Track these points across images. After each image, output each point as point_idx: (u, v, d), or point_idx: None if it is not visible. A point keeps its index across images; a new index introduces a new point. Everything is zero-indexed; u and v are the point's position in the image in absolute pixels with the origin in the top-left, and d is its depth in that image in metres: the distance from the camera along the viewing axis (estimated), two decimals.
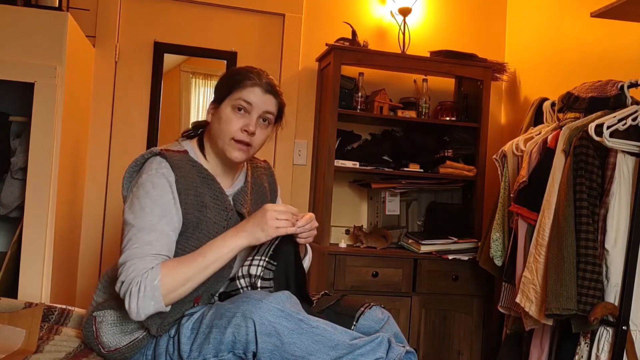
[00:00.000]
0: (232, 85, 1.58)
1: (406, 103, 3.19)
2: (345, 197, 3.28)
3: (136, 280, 1.36)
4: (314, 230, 1.60)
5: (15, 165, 2.41)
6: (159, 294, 1.37)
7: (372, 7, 3.34)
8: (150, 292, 1.36)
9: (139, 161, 1.58)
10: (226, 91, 1.59)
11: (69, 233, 2.68)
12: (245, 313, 1.37)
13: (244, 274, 1.58)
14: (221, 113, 1.58)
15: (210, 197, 1.57)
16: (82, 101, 2.78)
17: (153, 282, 1.36)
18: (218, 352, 1.40)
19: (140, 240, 1.42)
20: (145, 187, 1.48)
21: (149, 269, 1.38)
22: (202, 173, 1.59)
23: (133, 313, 1.37)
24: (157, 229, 1.44)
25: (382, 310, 1.67)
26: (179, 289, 1.41)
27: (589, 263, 2.02)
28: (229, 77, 1.63)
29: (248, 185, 1.73)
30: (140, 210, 1.45)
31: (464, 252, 2.91)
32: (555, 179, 2.18)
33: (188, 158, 1.59)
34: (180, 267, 1.42)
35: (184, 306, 1.50)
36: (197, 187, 1.55)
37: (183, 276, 1.41)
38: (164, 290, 1.38)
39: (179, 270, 1.41)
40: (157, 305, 1.38)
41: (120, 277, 1.39)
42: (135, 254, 1.40)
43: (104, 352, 1.52)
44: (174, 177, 1.51)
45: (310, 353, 1.37)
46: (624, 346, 1.98)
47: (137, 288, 1.36)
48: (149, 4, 3.11)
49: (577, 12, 2.86)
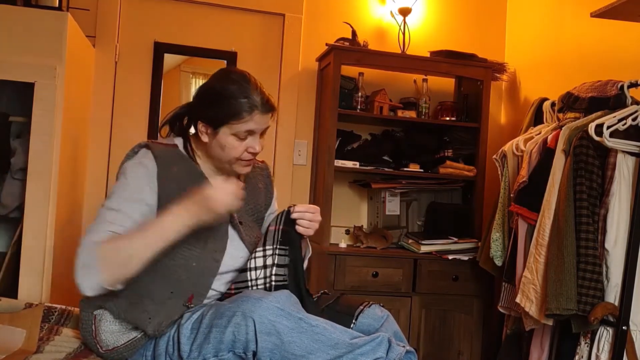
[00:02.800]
0: (230, 114, 1.51)
1: (406, 103, 3.19)
2: (345, 197, 3.28)
3: (80, 252, 1.37)
4: (315, 222, 1.60)
5: (15, 165, 2.41)
6: (96, 264, 1.36)
7: (372, 7, 3.34)
8: (89, 263, 1.36)
9: (129, 155, 1.59)
10: (222, 117, 1.51)
11: (69, 233, 2.68)
12: (245, 312, 1.37)
13: (257, 266, 1.58)
14: (222, 140, 1.54)
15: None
16: (82, 101, 2.78)
17: (91, 253, 1.37)
18: (218, 351, 1.40)
19: (103, 218, 1.44)
20: (125, 173, 1.52)
21: (94, 242, 1.39)
22: (190, 168, 1.59)
23: (80, 288, 1.37)
24: (122, 211, 1.45)
25: (381, 309, 1.67)
26: (119, 262, 1.38)
27: (589, 263, 2.02)
28: (224, 99, 1.52)
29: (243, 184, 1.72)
30: (113, 193, 1.49)
31: (464, 252, 2.91)
32: (555, 179, 2.18)
33: (177, 152, 1.60)
34: (118, 239, 1.41)
35: (176, 307, 1.50)
36: (182, 180, 1.54)
37: (123, 250, 1.39)
38: (102, 262, 1.36)
39: (119, 244, 1.40)
40: (99, 277, 1.36)
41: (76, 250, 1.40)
42: (92, 229, 1.43)
43: (102, 351, 1.52)
44: (156, 168, 1.52)
45: (310, 352, 1.38)
46: (624, 346, 1.98)
47: (78, 260, 1.36)
48: (149, 4, 3.11)
49: (577, 12, 2.86)
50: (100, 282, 1.37)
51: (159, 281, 1.49)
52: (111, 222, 1.43)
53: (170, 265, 1.50)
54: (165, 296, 1.49)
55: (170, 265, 1.50)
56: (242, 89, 1.52)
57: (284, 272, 1.59)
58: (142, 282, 1.45)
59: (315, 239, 3.01)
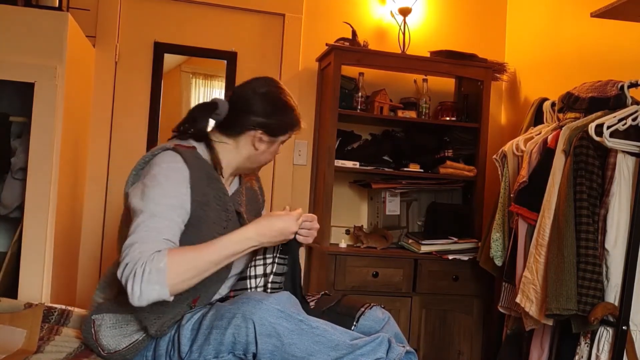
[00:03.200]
0: (293, 127, 1.65)
1: (406, 103, 3.19)
2: (345, 197, 3.28)
3: (142, 261, 1.28)
4: (314, 230, 1.60)
5: (15, 165, 2.41)
6: (164, 278, 1.28)
7: (372, 7, 3.34)
8: (156, 276, 1.27)
9: (148, 157, 1.53)
10: (286, 128, 1.64)
11: (69, 233, 2.68)
12: (245, 314, 1.37)
13: (257, 274, 1.59)
14: (274, 146, 1.65)
15: (214, 197, 1.55)
16: (82, 101, 2.78)
17: (159, 264, 1.28)
18: (218, 353, 1.40)
19: (151, 226, 1.35)
20: (158, 177, 1.44)
21: (156, 251, 1.30)
22: (209, 172, 1.56)
23: (135, 297, 1.27)
24: (168, 217, 1.39)
25: (382, 311, 1.67)
26: (185, 277, 1.33)
27: (589, 263, 2.02)
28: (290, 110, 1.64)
29: (242, 187, 1.75)
30: (152, 199, 1.39)
31: (464, 252, 2.91)
32: (555, 179, 2.18)
33: (196, 154, 1.56)
34: (189, 253, 1.36)
35: (182, 307, 1.50)
36: (204, 185, 1.53)
37: (191, 264, 1.34)
38: (170, 275, 1.29)
39: (188, 257, 1.34)
40: (161, 291, 1.28)
41: (124, 259, 1.30)
42: (144, 237, 1.33)
43: (104, 354, 1.52)
44: (188, 172, 1.48)
45: (311, 354, 1.38)
46: (624, 346, 1.98)
47: (141, 270, 1.27)
48: (149, 4, 3.11)
49: (577, 12, 2.86)
50: (161, 295, 1.29)
51: None
52: (160, 231, 1.36)
53: None
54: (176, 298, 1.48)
55: None
56: (292, 101, 1.66)
57: (280, 280, 1.62)
58: None
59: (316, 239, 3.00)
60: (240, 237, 1.43)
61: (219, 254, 1.39)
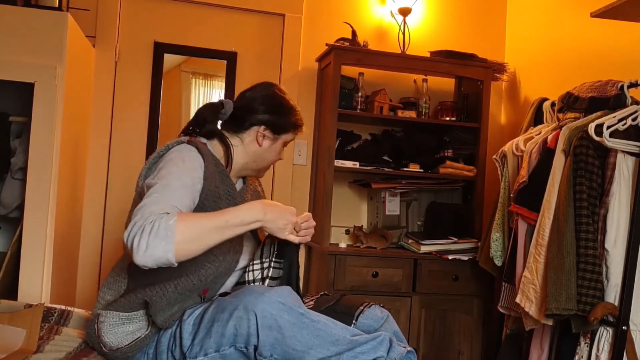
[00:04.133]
0: (294, 126, 1.73)
1: (406, 103, 3.19)
2: (345, 197, 3.28)
3: (151, 218, 1.28)
4: (311, 229, 1.60)
5: (15, 165, 2.42)
6: (172, 234, 1.27)
7: (372, 7, 3.34)
8: (164, 231, 1.26)
9: (162, 151, 1.56)
10: (287, 127, 1.72)
11: (69, 233, 2.68)
12: (247, 305, 1.37)
13: (255, 278, 1.60)
14: (277, 146, 1.73)
15: (224, 192, 1.60)
16: (82, 101, 2.78)
17: (169, 221, 1.28)
18: (220, 346, 1.40)
19: (163, 193, 1.37)
20: (175, 160, 1.48)
21: (165, 212, 1.31)
22: (219, 167, 1.62)
23: (141, 251, 1.25)
24: (180, 190, 1.41)
25: (381, 309, 1.67)
26: (192, 238, 1.31)
27: (589, 263, 2.02)
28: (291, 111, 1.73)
29: (247, 187, 1.78)
30: (167, 175, 1.43)
31: (464, 252, 2.91)
32: (555, 179, 2.18)
33: (209, 151, 1.62)
34: (199, 217, 1.37)
35: (193, 298, 1.51)
36: (216, 179, 1.57)
37: (199, 227, 1.34)
38: (178, 233, 1.28)
39: (197, 221, 1.35)
40: (167, 248, 1.26)
41: (134, 219, 1.30)
42: (154, 200, 1.34)
43: (106, 350, 1.52)
44: (204, 162, 1.53)
45: (311, 347, 1.38)
46: (624, 346, 1.98)
47: (150, 226, 1.27)
48: (149, 4, 3.11)
49: (577, 12, 2.86)
50: (166, 253, 1.27)
51: (188, 272, 1.47)
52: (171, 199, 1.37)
53: (200, 260, 1.46)
54: (188, 287, 1.49)
55: (200, 259, 1.46)
56: (295, 105, 1.75)
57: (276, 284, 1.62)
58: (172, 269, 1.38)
59: (315, 239, 3.01)
60: (248, 208, 1.45)
61: (226, 221, 1.38)
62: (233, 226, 1.39)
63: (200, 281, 1.50)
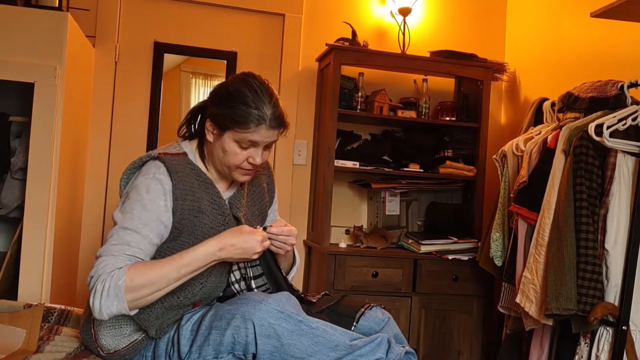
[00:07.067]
0: (238, 121, 1.46)
1: (406, 103, 3.19)
2: (345, 197, 3.28)
3: (102, 277, 1.32)
4: (288, 245, 1.56)
5: (15, 165, 2.42)
6: (122, 293, 1.32)
7: (372, 7, 3.34)
8: (114, 291, 1.31)
9: (136, 164, 1.54)
10: (229, 122, 1.47)
11: (69, 233, 2.68)
12: (244, 314, 1.37)
13: (237, 279, 1.60)
14: (225, 145, 1.50)
15: (208, 202, 1.54)
16: (82, 101, 2.78)
17: (118, 281, 1.32)
18: (218, 353, 1.40)
19: (120, 238, 1.39)
20: (139, 190, 1.46)
21: (117, 268, 1.34)
22: (200, 177, 1.55)
23: (95, 311, 1.32)
24: (140, 232, 1.41)
25: (382, 311, 1.67)
26: (143, 293, 1.35)
27: (589, 263, 2.02)
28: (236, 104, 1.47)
29: (244, 188, 1.70)
30: (129, 212, 1.42)
31: (464, 252, 2.91)
32: (555, 179, 2.18)
33: (187, 161, 1.55)
34: (148, 270, 1.36)
35: (183, 309, 1.50)
36: (195, 192, 1.52)
37: (149, 279, 1.35)
38: (128, 292, 1.32)
39: (146, 273, 1.35)
40: (120, 306, 1.32)
41: (91, 271, 1.35)
42: (111, 250, 1.37)
43: (103, 354, 1.52)
44: (170, 183, 1.47)
45: (310, 354, 1.38)
46: (624, 346, 1.98)
47: (101, 286, 1.31)
48: (149, 4, 3.11)
49: (577, 12, 2.86)
50: (121, 310, 1.33)
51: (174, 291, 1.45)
52: (128, 245, 1.38)
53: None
54: (175, 303, 1.48)
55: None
56: (256, 98, 1.47)
57: (264, 282, 1.63)
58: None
59: (316, 239, 3.01)
60: (202, 253, 1.42)
61: (179, 271, 1.39)
62: (187, 274, 1.40)
63: (187, 298, 1.49)
